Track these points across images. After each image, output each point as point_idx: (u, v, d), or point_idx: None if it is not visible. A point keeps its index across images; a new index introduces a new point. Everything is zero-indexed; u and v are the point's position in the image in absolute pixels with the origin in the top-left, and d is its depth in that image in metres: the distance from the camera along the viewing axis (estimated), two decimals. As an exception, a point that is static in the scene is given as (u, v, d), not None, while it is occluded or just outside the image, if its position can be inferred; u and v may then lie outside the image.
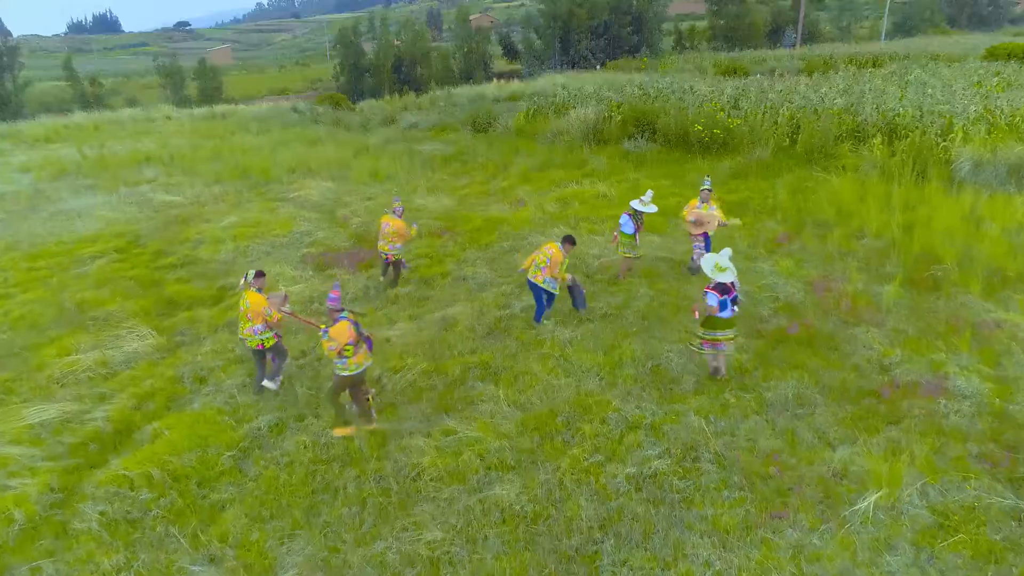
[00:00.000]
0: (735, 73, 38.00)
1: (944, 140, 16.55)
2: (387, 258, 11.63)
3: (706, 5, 71.27)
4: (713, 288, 7.86)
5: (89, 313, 11.34)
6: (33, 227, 16.99)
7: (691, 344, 8.43)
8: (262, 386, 8.47)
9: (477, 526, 6.04)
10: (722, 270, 7.79)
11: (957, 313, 9.59)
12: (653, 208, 11.05)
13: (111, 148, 28.55)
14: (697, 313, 7.96)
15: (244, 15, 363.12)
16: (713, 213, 10.98)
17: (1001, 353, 8.48)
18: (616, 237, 11.34)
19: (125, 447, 7.61)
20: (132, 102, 58.73)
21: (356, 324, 7.20)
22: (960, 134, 16.42)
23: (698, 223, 11.01)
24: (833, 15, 77.26)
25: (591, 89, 29.91)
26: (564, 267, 9.63)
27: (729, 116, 20.70)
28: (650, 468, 6.63)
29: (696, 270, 11.10)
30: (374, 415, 7.69)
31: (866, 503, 5.98)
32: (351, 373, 7.28)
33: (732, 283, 7.87)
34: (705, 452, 6.88)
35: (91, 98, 58.61)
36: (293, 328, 10.57)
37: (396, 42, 68.34)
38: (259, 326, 8.13)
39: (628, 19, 61.83)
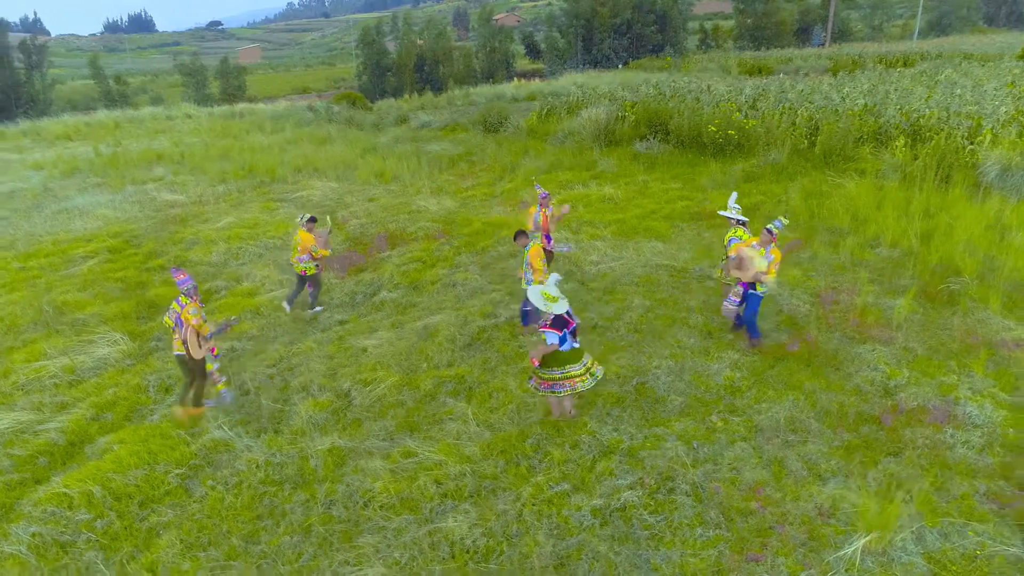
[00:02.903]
0: (759, 72, 37.13)
1: (971, 143, 15.64)
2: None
3: (733, 3, 69.99)
4: (551, 325, 6.73)
5: (68, 316, 11.10)
6: (33, 225, 16.90)
7: (529, 385, 7.27)
8: (288, 306, 10.89)
9: (423, 561, 5.54)
10: (553, 300, 6.70)
11: (973, 330, 8.85)
12: (731, 211, 9.34)
13: (127, 146, 28.62)
14: (536, 361, 6.82)
15: (275, 15, 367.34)
16: (762, 261, 8.19)
17: (1019, 376, 7.74)
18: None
19: (74, 461, 7.26)
20: (156, 100, 59.44)
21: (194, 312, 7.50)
22: (989, 136, 15.51)
23: (737, 263, 8.44)
24: (865, 13, 75.51)
25: (606, 89, 29.27)
26: (523, 263, 9.14)
27: (746, 116, 19.94)
28: (619, 500, 6.06)
29: (729, 314, 8.98)
30: (199, 403, 7.88)
31: (853, 548, 5.36)
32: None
33: (569, 313, 6.83)
34: (682, 483, 6.29)
35: (116, 96, 59.35)
36: (271, 336, 10.23)
37: (419, 41, 68.23)
38: (305, 256, 10.33)
39: (652, 18, 60.97)
